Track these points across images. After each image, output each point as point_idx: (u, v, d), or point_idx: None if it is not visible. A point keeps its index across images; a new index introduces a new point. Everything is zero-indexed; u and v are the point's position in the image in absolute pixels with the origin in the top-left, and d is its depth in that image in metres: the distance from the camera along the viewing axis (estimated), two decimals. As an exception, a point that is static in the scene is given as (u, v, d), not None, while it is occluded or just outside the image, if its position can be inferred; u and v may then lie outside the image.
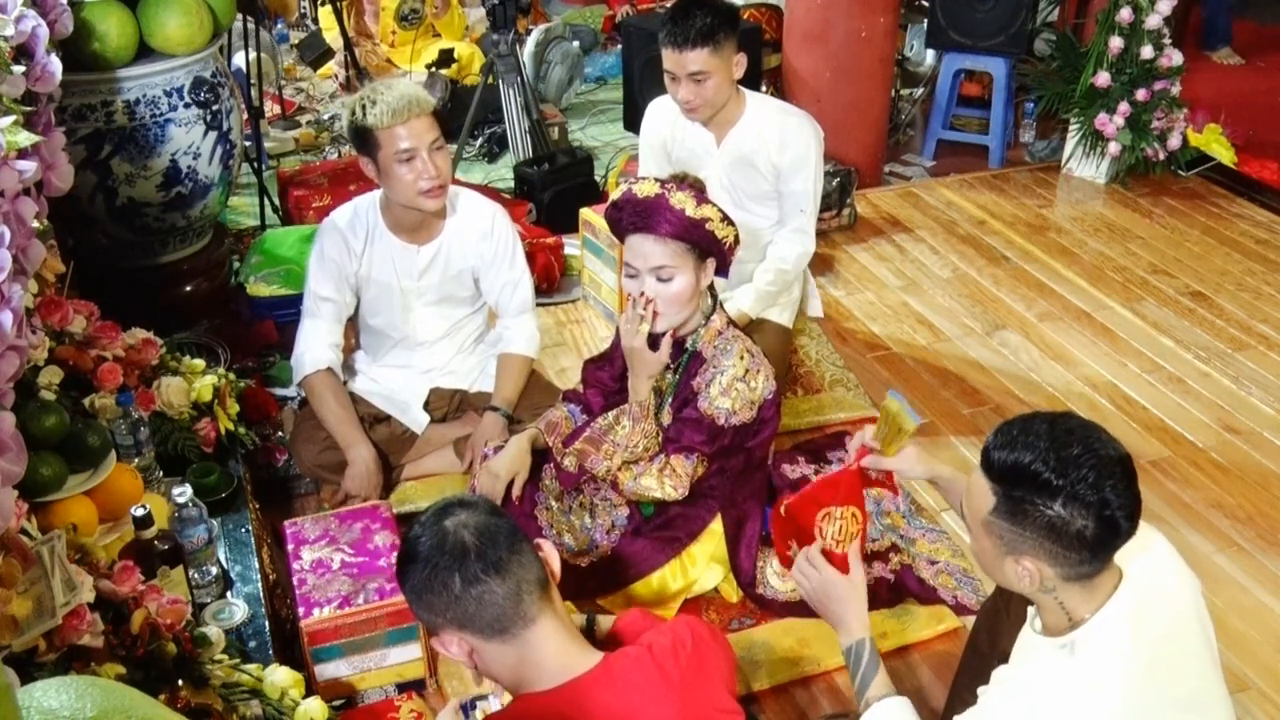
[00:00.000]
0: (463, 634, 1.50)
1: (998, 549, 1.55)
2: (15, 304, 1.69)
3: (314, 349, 2.66)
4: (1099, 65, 4.47)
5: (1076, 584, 1.54)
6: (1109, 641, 1.52)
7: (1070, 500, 1.45)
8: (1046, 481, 1.46)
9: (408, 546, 1.53)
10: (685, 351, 2.34)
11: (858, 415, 3.11)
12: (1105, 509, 1.45)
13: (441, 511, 1.54)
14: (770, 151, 2.95)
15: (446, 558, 1.47)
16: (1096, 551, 1.49)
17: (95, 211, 3.01)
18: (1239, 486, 2.91)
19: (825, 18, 4.26)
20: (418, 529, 1.53)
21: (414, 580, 1.51)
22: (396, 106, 2.44)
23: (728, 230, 2.20)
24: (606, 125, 5.25)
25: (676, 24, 2.77)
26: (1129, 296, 3.81)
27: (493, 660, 1.52)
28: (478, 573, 1.46)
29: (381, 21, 5.39)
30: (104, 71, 2.84)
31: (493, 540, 1.49)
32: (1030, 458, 1.47)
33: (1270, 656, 2.40)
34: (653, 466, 2.31)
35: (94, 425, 2.15)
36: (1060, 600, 1.56)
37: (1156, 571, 1.59)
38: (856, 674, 1.93)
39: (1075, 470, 1.45)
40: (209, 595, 2.13)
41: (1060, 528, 1.47)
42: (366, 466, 2.61)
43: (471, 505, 1.54)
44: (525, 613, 1.48)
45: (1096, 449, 1.48)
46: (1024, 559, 1.52)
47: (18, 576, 1.62)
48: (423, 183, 2.48)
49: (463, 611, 1.48)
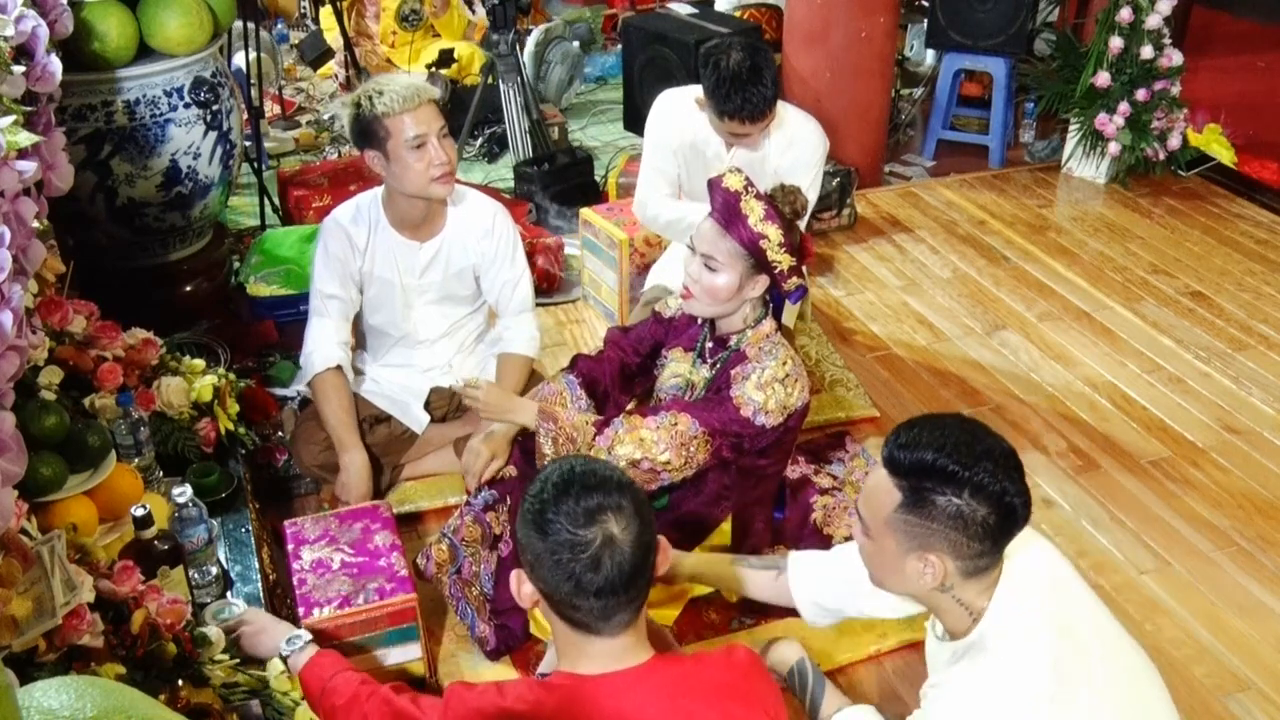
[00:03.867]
0: (542, 597, 1.52)
1: (900, 547, 1.62)
2: (15, 304, 1.69)
3: (323, 347, 2.65)
4: (1099, 65, 4.47)
5: (973, 578, 1.63)
6: (1017, 626, 1.61)
7: (976, 490, 1.55)
8: (953, 473, 1.55)
9: (549, 501, 1.48)
10: (728, 349, 2.33)
11: (858, 415, 3.11)
12: (1006, 497, 1.55)
13: (604, 504, 1.47)
14: (778, 157, 2.95)
15: (578, 561, 1.46)
16: (997, 540, 1.60)
17: (95, 211, 3.01)
18: (1239, 486, 2.91)
19: (825, 18, 4.26)
20: (563, 490, 1.48)
21: (535, 543, 1.49)
22: (405, 94, 2.45)
23: (782, 256, 2.18)
24: (606, 125, 5.25)
25: (739, 100, 2.72)
26: (1129, 296, 3.81)
27: (553, 622, 1.55)
28: (590, 592, 1.46)
29: (382, 22, 5.38)
30: (104, 71, 2.85)
31: (627, 580, 1.47)
32: (935, 452, 1.56)
33: (1270, 656, 2.40)
34: (641, 424, 2.23)
35: (94, 425, 2.15)
36: (958, 597, 1.65)
37: (1018, 544, 1.68)
38: (805, 696, 1.98)
39: (979, 462, 1.55)
40: (209, 595, 2.13)
41: (967, 516, 1.56)
42: (358, 474, 2.61)
43: (633, 518, 1.49)
44: (604, 630, 1.50)
45: (991, 444, 1.59)
46: (929, 553, 1.60)
47: (18, 576, 1.62)
48: (434, 169, 2.49)
49: (555, 591, 1.49)
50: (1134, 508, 2.83)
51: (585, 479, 1.51)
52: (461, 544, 2.43)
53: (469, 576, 2.41)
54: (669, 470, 2.24)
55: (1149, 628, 2.46)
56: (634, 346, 2.54)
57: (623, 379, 2.53)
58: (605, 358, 2.53)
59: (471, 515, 2.43)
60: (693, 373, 2.40)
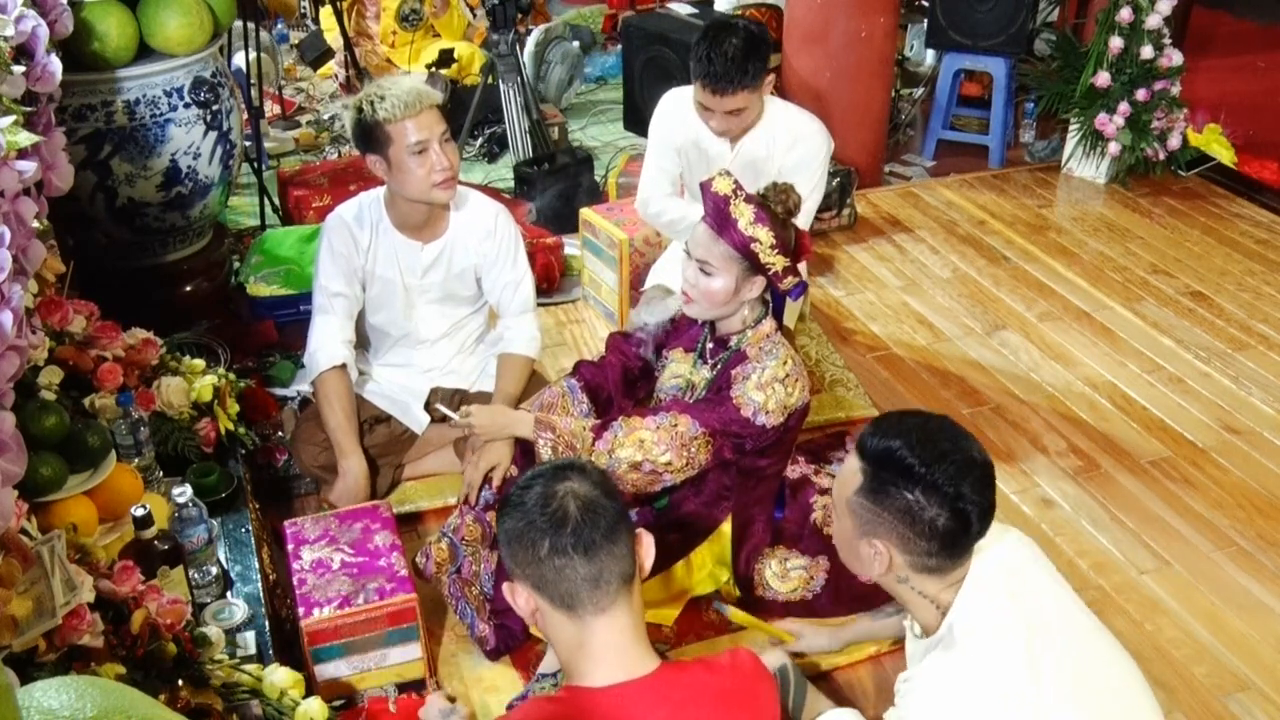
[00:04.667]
0: (534, 594, 1.51)
1: (855, 529, 1.65)
2: (15, 304, 1.69)
3: (328, 345, 2.64)
4: (1099, 65, 4.47)
5: (929, 575, 1.64)
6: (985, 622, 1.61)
7: (929, 489, 1.56)
8: (909, 467, 1.56)
9: (518, 490, 1.53)
10: (728, 349, 2.33)
11: (858, 415, 3.11)
12: (959, 502, 1.56)
13: (560, 470, 1.54)
14: (782, 155, 2.95)
15: (544, 519, 1.48)
16: (946, 544, 1.60)
17: (95, 211, 3.01)
18: (1239, 486, 2.91)
19: (825, 18, 4.26)
20: (532, 477, 1.53)
21: (508, 525, 1.52)
22: (407, 100, 2.44)
23: (775, 258, 2.17)
24: (606, 125, 5.25)
25: (716, 66, 2.72)
26: (1129, 296, 3.81)
27: (554, 627, 1.52)
28: (567, 546, 1.46)
29: (383, 22, 5.39)
30: (104, 71, 2.84)
31: (594, 520, 1.48)
32: (900, 444, 1.57)
33: (1270, 656, 2.40)
34: (640, 425, 2.23)
35: (94, 425, 2.15)
36: (918, 590, 1.66)
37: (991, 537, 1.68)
38: (788, 699, 2.00)
39: (939, 463, 1.56)
40: (209, 595, 2.13)
41: (915, 513, 1.57)
42: (356, 480, 2.61)
43: (587, 475, 1.54)
44: (599, 601, 1.48)
45: (965, 448, 1.59)
46: (876, 540, 1.62)
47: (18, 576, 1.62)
48: (436, 175, 2.49)
49: (540, 574, 1.48)
50: (1134, 508, 2.83)
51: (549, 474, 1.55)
52: (461, 543, 2.43)
53: (469, 576, 2.41)
54: (670, 471, 2.24)
55: (1149, 628, 2.46)
56: (635, 349, 2.55)
57: (626, 383, 2.53)
58: (607, 363, 2.53)
59: (472, 515, 2.43)
60: (693, 373, 2.40)
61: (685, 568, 2.42)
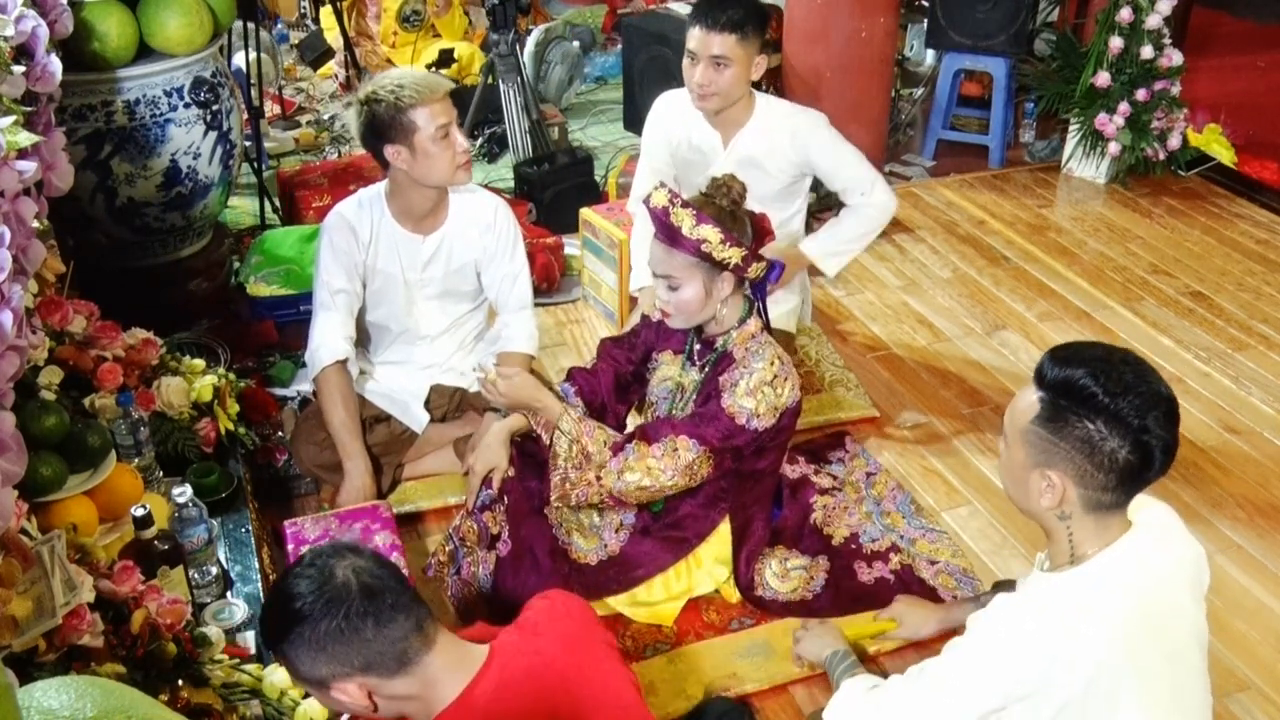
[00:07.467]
0: (365, 678, 1.47)
1: (1029, 459, 1.57)
2: (15, 304, 1.69)
3: (330, 341, 2.64)
4: (1099, 65, 4.47)
5: (1091, 515, 1.56)
6: (1108, 573, 1.55)
7: (1112, 419, 1.49)
8: (1093, 395, 1.49)
9: (296, 606, 1.44)
10: (715, 351, 2.34)
11: (858, 415, 3.11)
12: (1144, 434, 1.49)
13: (320, 566, 1.48)
14: (785, 153, 2.94)
15: (360, 603, 1.44)
16: (1124, 479, 1.53)
17: (95, 211, 3.02)
18: (1239, 487, 2.91)
19: (825, 18, 4.26)
20: (296, 586, 1.46)
21: (316, 634, 1.43)
22: (428, 85, 2.47)
23: (729, 251, 2.16)
24: (606, 125, 5.25)
25: (711, 4, 2.78)
26: (1129, 296, 3.81)
27: (395, 694, 1.50)
28: (387, 609, 1.45)
29: (383, 23, 5.39)
30: (104, 71, 2.85)
31: (389, 577, 1.49)
32: (1083, 373, 1.51)
33: (1270, 656, 2.40)
34: (648, 453, 2.26)
35: (94, 425, 2.15)
36: (1071, 531, 1.59)
37: (1164, 527, 1.63)
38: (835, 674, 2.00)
39: (1124, 394, 1.49)
40: (209, 595, 2.13)
41: (1096, 444, 1.50)
42: (362, 481, 2.61)
43: (348, 552, 1.51)
44: (428, 637, 1.49)
45: (1150, 381, 1.52)
46: (1052, 471, 1.55)
47: (18, 576, 1.62)
48: (459, 156, 2.52)
49: (374, 653, 1.45)
50: (1134, 508, 2.83)
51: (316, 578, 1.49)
52: (461, 545, 2.44)
53: (468, 577, 2.41)
54: (675, 488, 2.30)
55: (1149, 628, 2.46)
56: (626, 355, 2.55)
57: (618, 389, 2.54)
58: (599, 370, 2.54)
59: (470, 517, 2.44)
60: (683, 375, 2.41)
61: (684, 568, 2.42)
